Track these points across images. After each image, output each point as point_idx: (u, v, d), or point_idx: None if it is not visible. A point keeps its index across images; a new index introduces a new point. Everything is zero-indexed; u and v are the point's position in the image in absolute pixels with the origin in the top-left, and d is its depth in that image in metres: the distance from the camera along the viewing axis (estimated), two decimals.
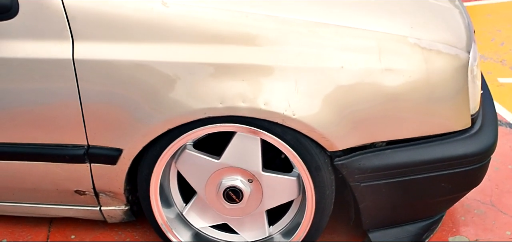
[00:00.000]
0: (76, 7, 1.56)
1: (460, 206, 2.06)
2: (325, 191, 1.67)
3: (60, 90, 1.62)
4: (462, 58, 1.63)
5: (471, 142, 1.70)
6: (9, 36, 1.60)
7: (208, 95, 1.57)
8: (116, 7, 1.56)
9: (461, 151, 1.68)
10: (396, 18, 1.72)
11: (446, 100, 1.63)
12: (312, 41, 1.57)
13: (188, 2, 1.60)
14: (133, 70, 1.58)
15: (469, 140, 1.70)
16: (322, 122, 1.57)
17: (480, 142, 1.71)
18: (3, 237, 1.97)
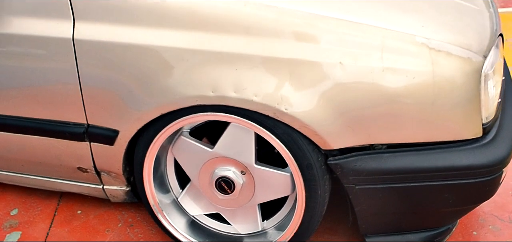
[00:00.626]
0: None
1: (474, 219, 1.92)
2: (317, 190, 1.61)
3: (61, 68, 1.65)
4: (475, 62, 1.51)
5: (480, 153, 1.58)
6: (12, 13, 1.65)
7: (200, 83, 1.55)
8: None
9: (467, 161, 1.57)
10: (408, 15, 1.62)
11: (453, 106, 1.52)
12: (309, 34, 1.51)
13: None
14: (129, 53, 1.58)
15: (477, 150, 1.58)
16: (316, 119, 1.51)
17: (491, 153, 1.58)
18: (16, 206, 2.06)
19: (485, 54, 1.56)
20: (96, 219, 1.98)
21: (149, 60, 1.57)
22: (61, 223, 1.97)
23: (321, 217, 1.69)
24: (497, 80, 1.68)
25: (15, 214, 2.02)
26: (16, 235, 1.93)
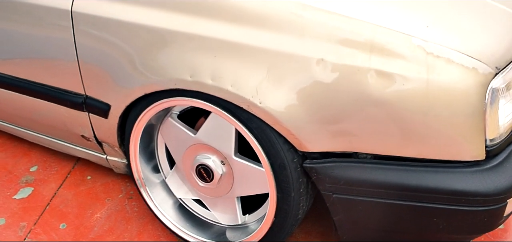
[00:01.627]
0: None
1: None
2: (290, 192, 1.51)
3: (60, 38, 1.69)
4: (481, 75, 1.31)
5: (478, 178, 1.38)
6: None
7: (180, 66, 1.51)
8: None
9: (461, 186, 1.38)
10: (417, 12, 1.45)
11: (450, 121, 1.33)
12: (293, 25, 1.40)
13: None
14: (121, 30, 1.58)
15: (476, 175, 1.38)
16: (291, 117, 1.41)
17: (491, 180, 1.38)
18: (37, 164, 2.18)
19: (500, 67, 1.35)
20: (101, 186, 2.04)
21: (136, 39, 1.56)
22: (70, 185, 2.06)
23: (296, 222, 1.59)
24: None
25: (34, 171, 2.15)
26: (27, 191, 2.05)
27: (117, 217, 1.91)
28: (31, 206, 1.97)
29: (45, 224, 1.89)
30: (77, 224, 1.88)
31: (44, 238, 1.83)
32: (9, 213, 1.94)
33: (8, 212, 1.95)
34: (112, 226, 1.87)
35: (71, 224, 1.88)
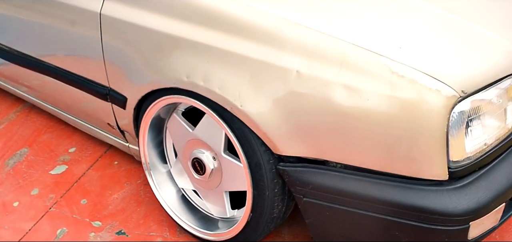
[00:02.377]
0: None
1: None
2: (264, 191, 1.64)
3: (90, 36, 1.92)
4: (444, 96, 1.36)
5: (439, 198, 1.43)
6: None
7: (179, 68, 1.69)
8: None
9: (421, 203, 1.44)
10: (394, 31, 1.53)
11: (410, 139, 1.40)
12: (275, 38, 1.53)
13: None
14: (137, 33, 1.79)
15: (437, 194, 1.43)
16: (266, 121, 1.55)
17: (452, 201, 1.43)
18: (75, 146, 2.46)
19: (467, 91, 1.39)
20: (124, 171, 2.27)
21: (147, 41, 1.77)
22: (98, 168, 2.31)
23: (272, 220, 1.70)
24: (493, 125, 1.49)
25: (72, 152, 2.43)
26: (62, 168, 2.32)
27: (130, 199, 2.12)
28: (62, 181, 2.24)
29: (70, 198, 2.15)
30: (96, 201, 2.12)
31: (65, 210, 2.08)
32: (42, 185, 2.22)
33: (42, 184, 2.23)
34: (125, 207, 2.09)
35: (91, 201, 2.12)
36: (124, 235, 1.95)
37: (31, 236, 1.96)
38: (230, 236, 1.80)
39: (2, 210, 2.09)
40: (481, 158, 1.47)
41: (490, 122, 1.48)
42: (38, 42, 2.24)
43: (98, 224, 2.01)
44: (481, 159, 1.47)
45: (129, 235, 1.95)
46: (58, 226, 2.00)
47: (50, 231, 1.98)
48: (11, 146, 2.49)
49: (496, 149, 1.50)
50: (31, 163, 2.37)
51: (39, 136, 2.55)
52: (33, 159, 2.39)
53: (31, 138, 2.54)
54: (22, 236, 1.97)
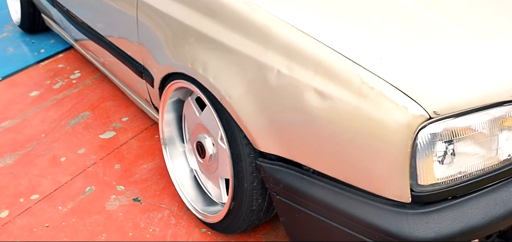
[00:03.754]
0: None
1: None
2: (243, 182, 1.68)
3: (130, 18, 2.11)
4: (410, 114, 1.29)
5: (396, 220, 1.37)
6: None
7: (187, 55, 1.79)
8: None
9: (378, 222, 1.39)
10: (381, 41, 1.48)
11: (373, 154, 1.36)
12: (263, 35, 1.56)
13: None
14: (164, 19, 1.92)
15: (395, 216, 1.37)
16: (248, 116, 1.60)
17: (409, 226, 1.35)
18: (128, 115, 2.68)
19: (440, 112, 1.31)
20: (160, 146, 2.44)
21: (169, 27, 1.89)
22: (140, 139, 2.51)
23: (251, 212, 1.74)
24: (475, 153, 1.37)
25: (124, 121, 2.66)
26: (110, 134, 2.56)
27: (156, 172, 2.28)
28: (106, 145, 2.47)
29: (107, 162, 2.37)
30: (127, 168, 2.32)
31: (100, 171, 2.31)
32: (90, 146, 2.48)
33: (90, 145, 2.48)
34: (149, 178, 2.25)
35: (123, 167, 2.32)
36: (138, 202, 2.12)
37: (64, 189, 2.21)
38: (215, 220, 1.88)
39: (50, 162, 2.38)
40: (455, 186, 1.37)
41: (471, 149, 1.37)
42: (99, 18, 2.49)
43: (121, 188, 2.20)
44: (455, 188, 1.37)
45: (143, 203, 2.11)
46: (88, 184, 2.23)
47: (80, 187, 2.22)
48: (77, 108, 2.79)
49: (477, 180, 1.39)
50: (88, 125, 2.64)
51: (103, 102, 2.83)
52: (90, 122, 2.66)
53: (95, 103, 2.82)
54: (57, 187, 2.22)
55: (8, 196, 2.19)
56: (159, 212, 2.06)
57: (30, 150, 2.48)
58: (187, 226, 1.99)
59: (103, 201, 2.13)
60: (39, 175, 2.30)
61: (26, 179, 2.29)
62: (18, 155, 2.45)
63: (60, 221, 2.04)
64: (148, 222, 2.02)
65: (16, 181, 2.28)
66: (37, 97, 2.93)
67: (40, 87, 3.03)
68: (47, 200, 2.16)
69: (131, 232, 1.97)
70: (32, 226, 2.03)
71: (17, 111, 2.81)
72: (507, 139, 1.41)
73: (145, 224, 2.00)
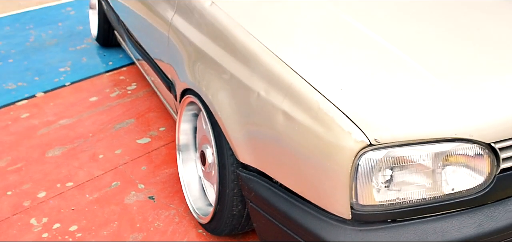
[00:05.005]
0: None
1: None
2: (225, 189, 1.88)
3: (164, 37, 2.41)
4: (353, 139, 1.44)
5: (335, 233, 1.51)
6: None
7: (197, 74, 2.05)
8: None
9: (321, 233, 1.54)
10: (345, 71, 1.65)
11: (322, 172, 1.52)
12: (252, 61, 1.78)
13: (224, 5, 2.06)
14: (184, 41, 2.21)
15: (335, 230, 1.51)
16: (233, 130, 1.82)
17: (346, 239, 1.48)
18: (166, 126, 2.98)
19: (381, 140, 1.44)
20: None
21: (189, 50, 2.16)
22: (170, 147, 2.78)
23: (232, 217, 1.92)
24: (417, 183, 1.48)
25: (161, 130, 2.95)
26: (145, 140, 2.86)
27: (175, 177, 2.53)
28: (139, 149, 2.78)
29: (136, 163, 2.66)
30: (151, 170, 2.60)
31: (128, 170, 2.61)
32: (126, 148, 2.79)
33: (126, 147, 2.80)
34: (167, 181, 2.51)
35: (148, 170, 2.61)
36: (152, 200, 2.38)
37: (95, 181, 2.53)
38: (205, 221, 2.09)
39: (90, 158, 2.72)
40: (394, 211, 1.49)
41: (412, 179, 1.48)
42: (146, 39, 2.84)
43: (141, 187, 2.48)
44: (394, 212, 1.49)
45: (156, 201, 2.37)
46: (116, 180, 2.53)
47: (108, 181, 2.53)
48: (125, 115, 3.14)
49: (418, 208, 1.49)
50: (129, 130, 2.97)
51: (148, 113, 3.16)
52: (132, 128, 2.99)
53: (141, 113, 3.16)
54: (89, 179, 2.55)
55: (49, 181, 2.55)
56: (167, 210, 2.31)
57: (77, 146, 2.84)
58: (187, 226, 2.21)
59: (123, 195, 2.42)
60: (78, 167, 2.65)
61: (67, 168, 2.64)
62: (66, 148, 2.83)
63: (84, 206, 2.35)
64: (156, 217, 2.27)
65: (58, 169, 2.64)
66: (95, 102, 3.33)
67: (100, 94, 3.44)
68: (78, 188, 2.49)
69: (138, 223, 2.24)
70: (60, 207, 2.36)
71: (75, 112, 3.22)
72: (453, 172, 1.50)
73: (152, 219, 2.26)
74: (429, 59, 1.68)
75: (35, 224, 2.26)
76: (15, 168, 2.67)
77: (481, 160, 1.50)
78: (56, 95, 3.46)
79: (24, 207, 2.37)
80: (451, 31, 1.89)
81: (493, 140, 1.49)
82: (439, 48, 1.76)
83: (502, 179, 1.52)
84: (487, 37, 1.86)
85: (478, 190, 1.51)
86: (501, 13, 2.08)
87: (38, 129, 3.04)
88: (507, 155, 1.51)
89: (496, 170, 1.51)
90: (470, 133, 1.46)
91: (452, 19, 2.00)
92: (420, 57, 1.68)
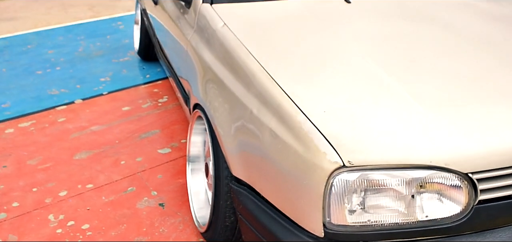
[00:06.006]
0: (202, 13, 2.41)
1: None
2: (219, 200, 1.95)
3: (185, 56, 2.54)
4: (327, 160, 1.48)
5: None
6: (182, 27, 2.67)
7: (205, 91, 2.16)
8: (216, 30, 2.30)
9: None
10: (331, 95, 1.70)
11: (299, 189, 1.57)
12: (249, 80, 1.86)
13: (234, 27, 2.16)
14: (197, 58, 2.32)
15: None
16: (228, 144, 1.90)
17: None
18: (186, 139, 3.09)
19: (354, 163, 1.47)
20: None
21: (199, 67, 2.28)
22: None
23: (226, 227, 1.99)
24: (389, 207, 1.50)
25: (182, 142, 3.07)
26: (166, 151, 2.99)
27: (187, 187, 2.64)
28: (159, 158, 2.91)
29: (153, 171, 2.79)
30: (166, 179, 2.71)
31: (144, 177, 2.74)
32: (146, 157, 2.93)
33: (147, 156, 2.94)
34: (179, 190, 2.62)
35: (163, 178, 2.73)
36: (161, 207, 2.49)
37: (113, 185, 2.67)
38: (202, 230, 2.17)
39: (112, 163, 2.88)
40: (366, 232, 1.51)
41: (385, 202, 1.51)
42: (171, 53, 2.98)
43: (154, 194, 2.59)
44: (366, 234, 1.51)
45: (165, 208, 2.48)
46: (132, 185, 2.67)
47: (125, 186, 2.66)
48: (152, 125, 3.30)
49: (391, 232, 1.51)
50: (153, 140, 3.12)
51: (173, 125, 3.30)
52: (156, 139, 3.14)
53: (166, 125, 3.30)
54: (108, 183, 2.69)
55: (72, 181, 2.72)
56: (174, 218, 2.41)
57: (102, 151, 3.01)
58: (189, 234, 2.30)
59: (136, 200, 2.55)
60: (100, 171, 2.81)
61: (89, 171, 2.81)
62: (92, 153, 3.00)
63: (99, 207, 2.50)
64: (162, 223, 2.38)
65: (81, 171, 2.81)
66: (127, 112, 3.51)
67: (132, 104, 3.62)
68: (97, 190, 2.64)
69: (145, 227, 2.35)
70: (77, 207, 2.51)
71: (107, 120, 3.41)
72: (428, 200, 1.51)
73: (158, 224, 2.37)
74: (418, 88, 1.70)
75: (52, 220, 2.42)
76: (44, 167, 2.87)
77: (457, 189, 1.50)
78: (93, 103, 3.68)
79: (45, 204, 2.54)
80: (445, 62, 1.90)
81: (471, 171, 1.49)
82: (430, 77, 1.78)
83: (481, 210, 1.52)
84: (480, 69, 1.86)
85: (454, 220, 1.51)
86: (500, 45, 2.07)
87: (71, 133, 3.24)
88: (485, 186, 1.51)
89: (474, 201, 1.51)
90: (446, 162, 1.48)
91: (447, 48, 2.01)
92: (410, 86, 1.71)
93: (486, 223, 1.54)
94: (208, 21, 2.30)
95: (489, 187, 1.51)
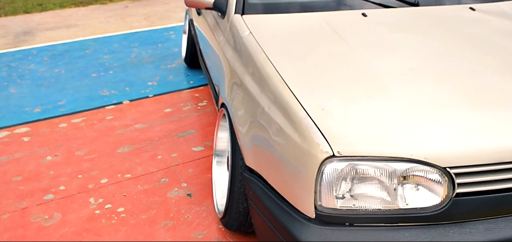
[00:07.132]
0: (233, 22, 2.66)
1: None
2: (234, 188, 2.16)
3: (217, 57, 2.80)
4: (319, 150, 1.67)
5: (301, 229, 1.73)
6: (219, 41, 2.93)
7: (229, 91, 2.40)
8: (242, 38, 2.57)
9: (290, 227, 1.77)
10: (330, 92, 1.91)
11: (296, 175, 1.76)
12: (264, 82, 2.08)
13: (258, 35, 2.39)
14: (226, 62, 2.57)
15: (301, 226, 1.73)
16: (243, 137, 2.12)
17: (307, 234, 1.70)
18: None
19: (343, 154, 1.66)
20: None
21: (227, 70, 2.52)
22: None
23: (239, 213, 2.20)
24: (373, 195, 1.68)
25: (208, 145, 3.33)
26: (199, 148, 3.25)
27: None
28: (192, 155, 3.17)
29: (186, 165, 3.06)
30: (196, 173, 2.97)
31: (177, 171, 3.00)
32: (181, 153, 3.20)
33: (181, 152, 3.21)
34: (207, 183, 2.86)
35: (194, 172, 2.98)
36: (189, 197, 2.74)
37: (148, 176, 2.96)
38: (220, 216, 2.40)
39: (150, 157, 3.17)
40: (352, 216, 1.69)
41: (369, 190, 1.68)
42: (208, 60, 3.25)
43: (184, 185, 2.85)
44: (352, 217, 1.69)
45: (192, 198, 2.73)
46: (165, 177, 2.94)
47: (159, 177, 2.94)
48: (189, 126, 3.57)
49: (374, 216, 1.67)
50: (188, 139, 3.39)
51: (208, 126, 3.56)
52: (191, 138, 3.40)
53: (203, 126, 3.57)
54: (145, 174, 2.98)
55: (113, 171, 3.03)
56: (199, 206, 2.65)
57: (142, 146, 3.31)
58: (211, 220, 2.54)
59: (167, 190, 2.82)
60: (138, 163, 3.10)
61: (129, 163, 3.11)
62: (133, 147, 3.31)
63: (134, 194, 2.78)
64: (188, 210, 2.62)
65: (122, 163, 3.11)
66: (168, 113, 3.81)
67: (174, 107, 3.92)
68: (134, 180, 2.93)
69: (172, 213, 2.61)
70: (115, 193, 2.80)
71: (150, 119, 3.72)
72: (409, 190, 1.67)
73: (184, 211, 2.62)
74: (412, 93, 1.87)
75: (92, 202, 2.72)
76: (90, 158, 3.20)
77: (436, 182, 1.65)
78: (138, 104, 4.01)
79: (87, 189, 2.85)
80: (443, 69, 2.05)
81: (449, 165, 1.64)
82: (425, 83, 1.93)
83: (458, 203, 1.66)
84: (475, 76, 2.00)
85: (433, 209, 1.66)
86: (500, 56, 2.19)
87: (116, 129, 3.57)
88: (462, 181, 1.65)
89: (452, 193, 1.66)
90: (426, 156, 1.64)
91: (447, 57, 2.16)
92: (405, 91, 1.88)
93: (463, 214, 1.68)
94: (237, 30, 2.54)
95: (466, 181, 1.66)
